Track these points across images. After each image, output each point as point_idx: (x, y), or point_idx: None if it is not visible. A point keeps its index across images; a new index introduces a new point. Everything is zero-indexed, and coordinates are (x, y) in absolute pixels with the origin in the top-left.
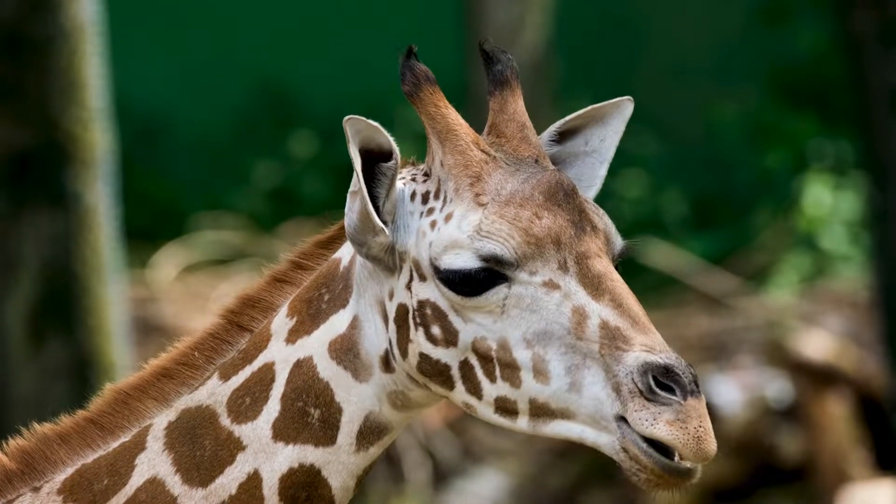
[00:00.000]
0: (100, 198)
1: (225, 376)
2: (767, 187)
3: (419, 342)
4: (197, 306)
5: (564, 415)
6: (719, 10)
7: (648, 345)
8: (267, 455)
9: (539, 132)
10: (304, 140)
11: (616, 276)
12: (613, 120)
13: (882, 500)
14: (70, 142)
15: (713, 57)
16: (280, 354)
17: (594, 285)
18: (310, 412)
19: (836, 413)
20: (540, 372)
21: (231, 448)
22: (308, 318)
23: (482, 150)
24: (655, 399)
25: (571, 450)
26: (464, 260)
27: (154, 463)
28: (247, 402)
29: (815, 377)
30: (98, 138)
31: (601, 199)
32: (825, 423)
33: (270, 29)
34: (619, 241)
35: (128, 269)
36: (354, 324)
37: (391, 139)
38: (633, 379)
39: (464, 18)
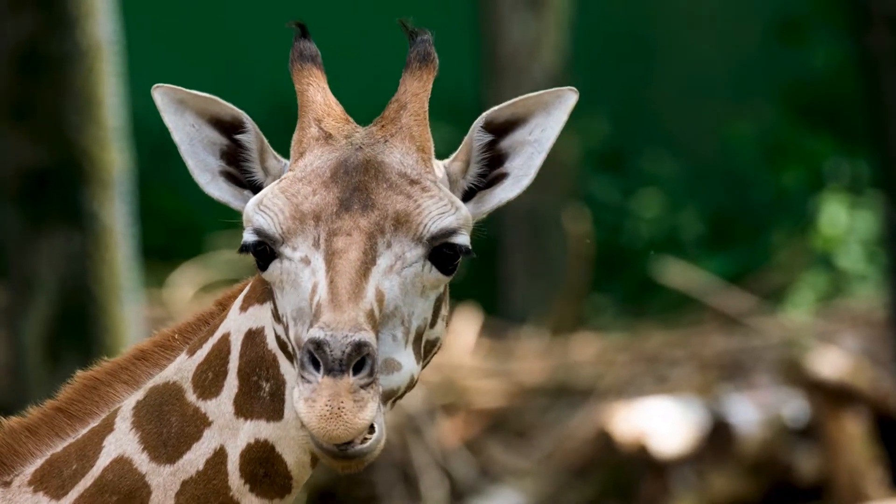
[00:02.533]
0: (116, 217)
1: (191, 351)
2: (784, 206)
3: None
4: None
5: None
6: (735, 28)
7: (326, 321)
8: (231, 431)
9: (558, 155)
10: None
11: (350, 254)
12: (556, 110)
13: None
14: (87, 160)
15: (729, 75)
16: (234, 324)
17: (329, 262)
18: (262, 386)
19: (853, 432)
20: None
21: (198, 424)
22: (259, 282)
23: (320, 128)
24: (304, 375)
25: (589, 468)
26: (248, 233)
27: (121, 442)
28: (209, 377)
29: (832, 396)
30: (115, 157)
31: (619, 218)
32: (842, 442)
33: (285, 45)
34: (436, 223)
35: (144, 289)
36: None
37: (236, 109)
38: (299, 356)
39: (480, 37)
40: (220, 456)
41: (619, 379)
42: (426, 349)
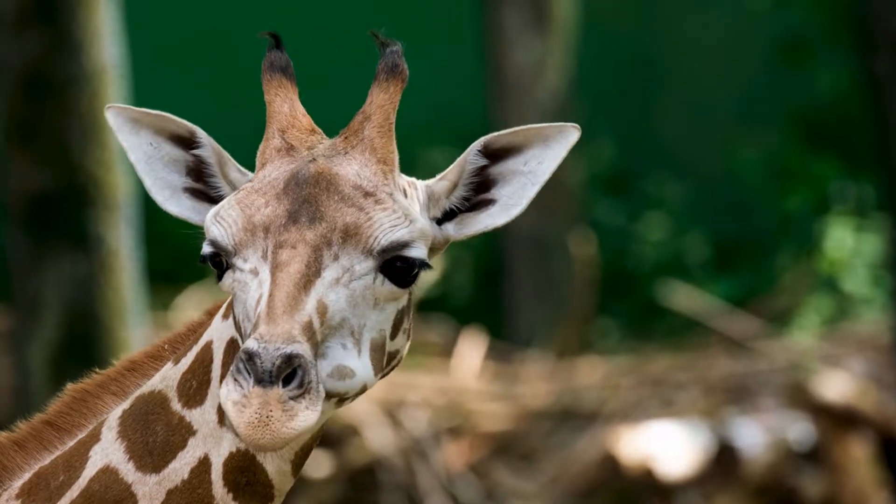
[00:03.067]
0: (122, 240)
1: (177, 360)
2: (789, 229)
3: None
4: None
5: None
6: (740, 51)
7: (262, 333)
8: (215, 440)
9: (563, 179)
10: None
11: (292, 268)
12: (556, 144)
13: None
14: (92, 184)
15: (734, 98)
16: (217, 332)
17: (273, 274)
18: None
19: (858, 455)
20: None
21: (183, 433)
22: None
23: (283, 140)
24: (237, 380)
25: (594, 491)
26: (205, 243)
27: (107, 452)
28: (193, 386)
29: (837, 419)
30: (120, 180)
31: (624, 242)
32: (847, 466)
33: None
34: (387, 236)
35: (150, 312)
36: None
37: (188, 124)
38: (234, 362)
39: (485, 61)
40: (204, 465)
41: (625, 402)
42: (387, 361)
